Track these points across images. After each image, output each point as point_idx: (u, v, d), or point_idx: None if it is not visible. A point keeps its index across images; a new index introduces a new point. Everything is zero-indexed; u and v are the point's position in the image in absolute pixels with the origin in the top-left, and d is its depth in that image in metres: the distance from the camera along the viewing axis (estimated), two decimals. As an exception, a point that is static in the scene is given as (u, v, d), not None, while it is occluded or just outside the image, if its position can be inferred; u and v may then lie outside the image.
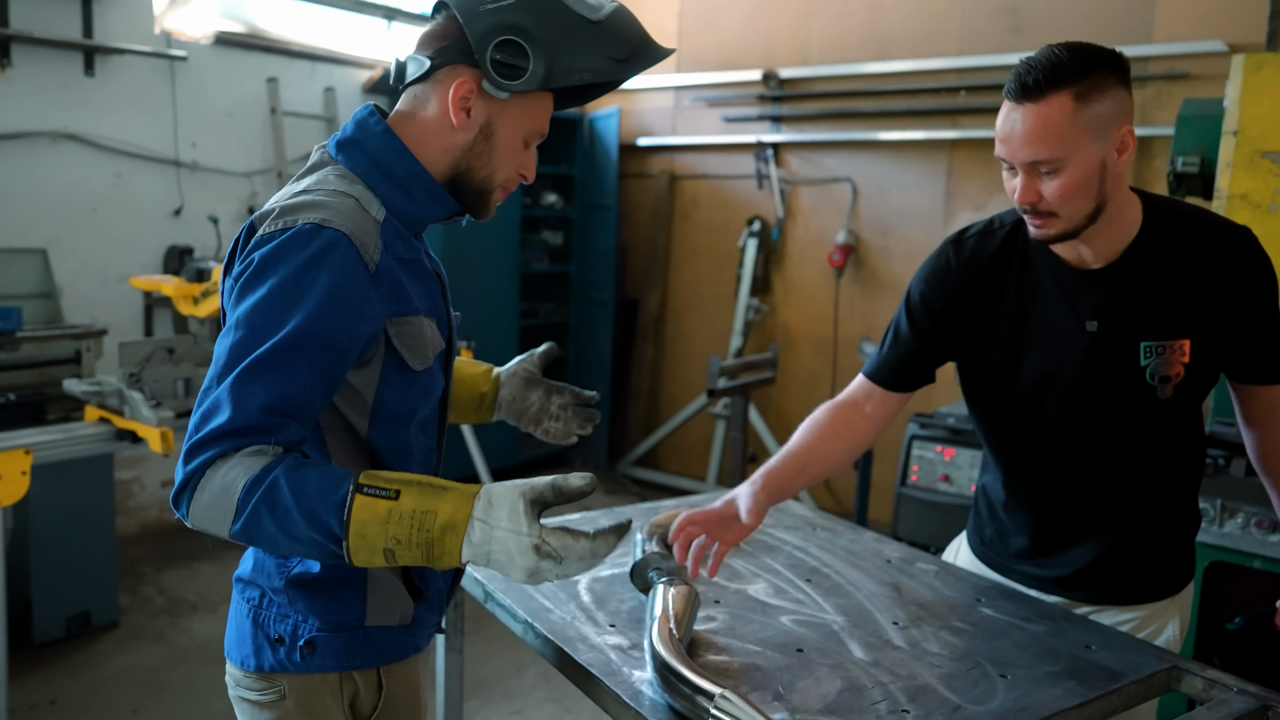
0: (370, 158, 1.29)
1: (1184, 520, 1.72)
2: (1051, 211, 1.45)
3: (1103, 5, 4.25)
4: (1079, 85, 1.40)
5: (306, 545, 1.10)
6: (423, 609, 1.38)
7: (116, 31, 4.13)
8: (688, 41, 5.75)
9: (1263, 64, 2.40)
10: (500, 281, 5.36)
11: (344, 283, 1.16)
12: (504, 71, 1.24)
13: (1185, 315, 1.52)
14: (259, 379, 1.11)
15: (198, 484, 1.09)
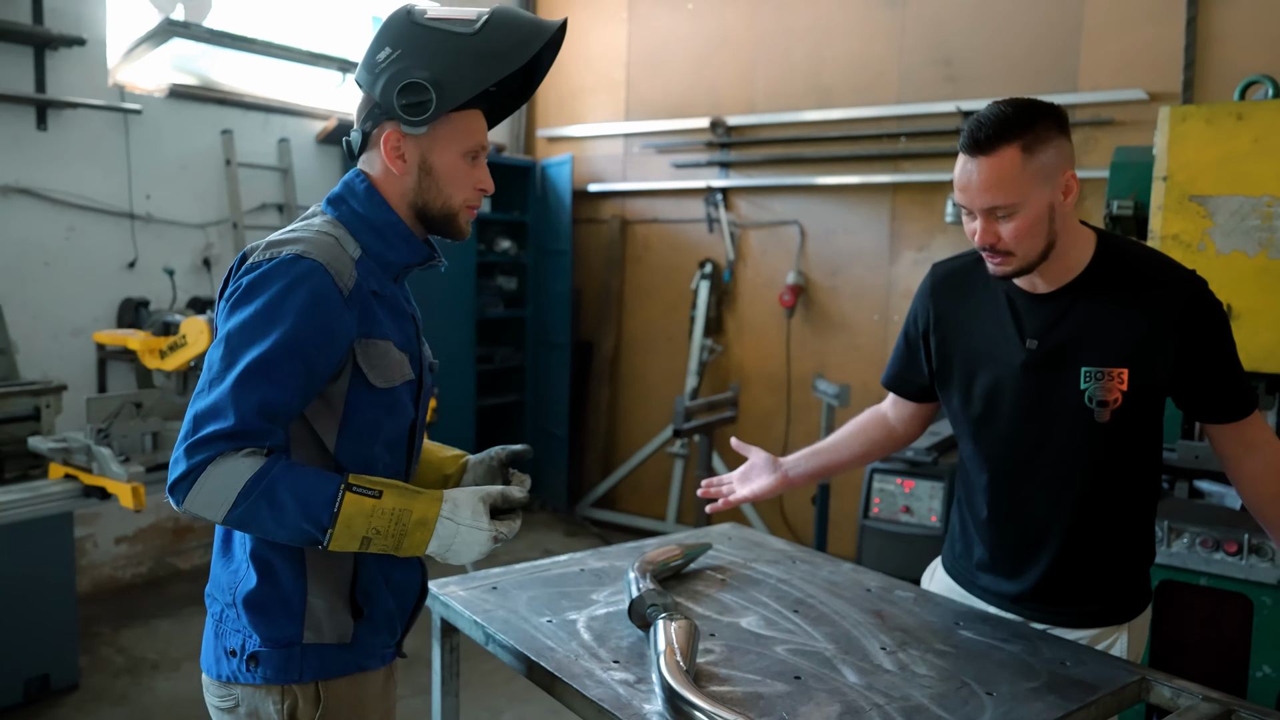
0: (354, 210, 1.50)
1: (1133, 547, 1.81)
2: (1009, 250, 1.62)
3: (1030, 56, 4.51)
4: (1025, 138, 1.56)
5: (292, 532, 1.31)
6: (365, 630, 1.49)
7: (69, 85, 4.12)
8: (636, 90, 5.90)
9: (1186, 115, 2.60)
10: (457, 327, 5.40)
11: (318, 303, 1.35)
12: (411, 110, 1.43)
13: (1126, 346, 1.65)
14: (251, 386, 1.30)
15: (198, 477, 1.28)
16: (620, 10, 5.93)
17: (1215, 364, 1.67)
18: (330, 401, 1.42)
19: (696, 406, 3.77)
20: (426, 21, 1.46)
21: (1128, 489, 1.77)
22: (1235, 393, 1.69)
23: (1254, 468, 1.71)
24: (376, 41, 1.48)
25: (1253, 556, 2.59)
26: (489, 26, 1.45)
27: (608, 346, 5.99)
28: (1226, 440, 1.73)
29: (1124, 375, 1.64)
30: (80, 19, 4.13)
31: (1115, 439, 1.69)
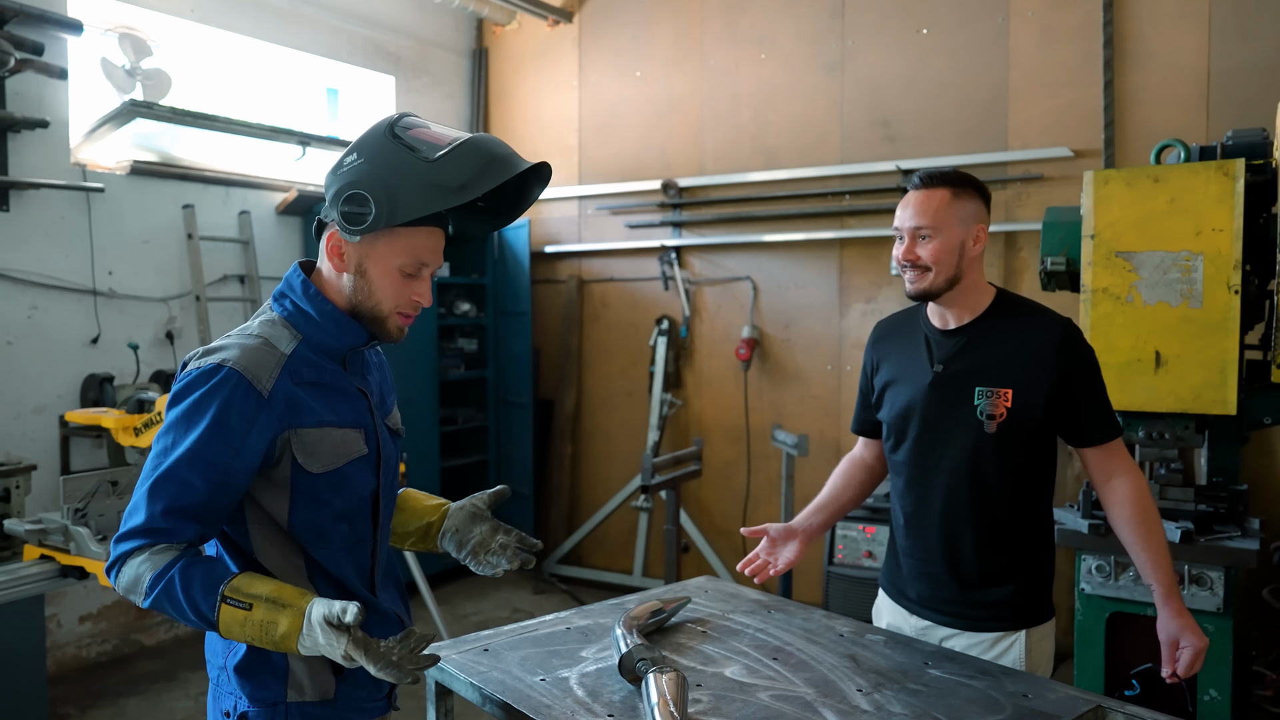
0: (294, 304, 1.60)
1: (1027, 557, 2.09)
2: (926, 266, 2.01)
3: (963, 117, 4.78)
4: (955, 188, 2.03)
5: (193, 623, 1.45)
6: (347, 686, 1.60)
7: (31, 166, 4.16)
8: (588, 154, 6.09)
9: (1108, 179, 2.82)
10: (419, 390, 5.46)
11: (230, 410, 1.47)
12: (350, 220, 1.51)
13: (1011, 372, 2.01)
14: (161, 490, 1.45)
15: (120, 568, 1.45)
16: (570, 78, 6.14)
17: (1083, 392, 2.02)
18: (276, 483, 1.55)
19: (662, 462, 3.89)
20: (401, 135, 1.52)
21: (1017, 498, 2.06)
22: (1100, 420, 2.04)
23: (1120, 491, 2.03)
24: (354, 143, 1.56)
25: (1194, 586, 2.76)
26: (451, 156, 1.50)
27: (569, 404, 6.09)
28: (1095, 465, 2.07)
29: (1009, 394, 1.99)
30: (43, 101, 4.20)
31: (1001, 448, 2.01)
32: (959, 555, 2.09)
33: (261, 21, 5.17)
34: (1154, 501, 2.06)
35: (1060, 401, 2.01)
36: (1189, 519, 2.84)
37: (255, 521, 1.56)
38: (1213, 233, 2.68)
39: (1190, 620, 1.98)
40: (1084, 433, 2.04)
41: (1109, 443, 2.04)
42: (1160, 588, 1.99)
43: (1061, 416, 2.03)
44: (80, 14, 4.36)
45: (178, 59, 4.97)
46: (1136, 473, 2.05)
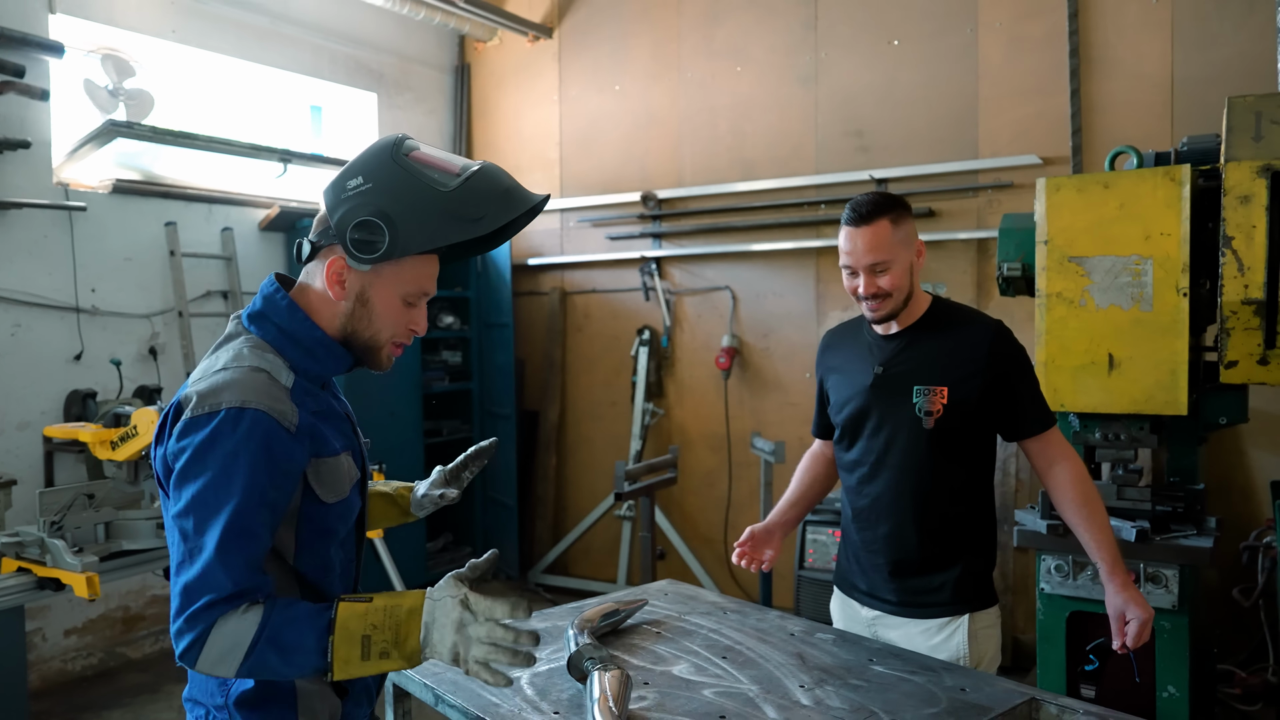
0: (278, 327, 1.51)
1: (967, 545, 2.18)
2: (887, 294, 2.12)
3: (934, 127, 4.84)
4: (891, 214, 2.12)
5: (300, 666, 1.36)
6: (349, 705, 1.59)
7: (14, 186, 4.22)
8: (570, 167, 6.16)
9: (1060, 185, 2.88)
10: (404, 403, 5.51)
11: (271, 452, 1.39)
12: (362, 248, 1.44)
13: (946, 371, 2.13)
14: (234, 548, 1.34)
15: (205, 642, 1.33)
16: (551, 93, 6.22)
17: (1017, 387, 2.14)
18: (285, 522, 1.46)
19: (637, 469, 3.93)
20: (408, 162, 1.46)
21: (957, 489, 2.18)
22: (1035, 412, 2.16)
23: (1061, 476, 2.14)
24: (355, 166, 1.48)
25: (1149, 584, 2.81)
26: (467, 187, 1.45)
27: (553, 415, 6.14)
28: (1035, 455, 2.18)
29: (944, 392, 2.12)
30: (24, 122, 4.26)
31: (939, 442, 2.13)
32: (904, 545, 2.19)
33: (243, 41, 5.24)
34: (1093, 484, 2.15)
35: (996, 397, 2.13)
36: (1146, 518, 2.89)
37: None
38: (1161, 237, 2.73)
39: (1136, 593, 2.06)
40: (1021, 425, 2.17)
41: (1045, 432, 2.16)
42: (1104, 564, 2.08)
43: (997, 411, 2.15)
44: (62, 36, 4.43)
45: (161, 79, 5.04)
46: (1075, 458, 2.16)
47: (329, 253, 1.50)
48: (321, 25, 5.66)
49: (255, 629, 1.33)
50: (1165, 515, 2.93)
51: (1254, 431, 4.05)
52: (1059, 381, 2.90)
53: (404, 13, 5.65)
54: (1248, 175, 2.53)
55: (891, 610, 2.22)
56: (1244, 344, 2.59)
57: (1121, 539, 2.82)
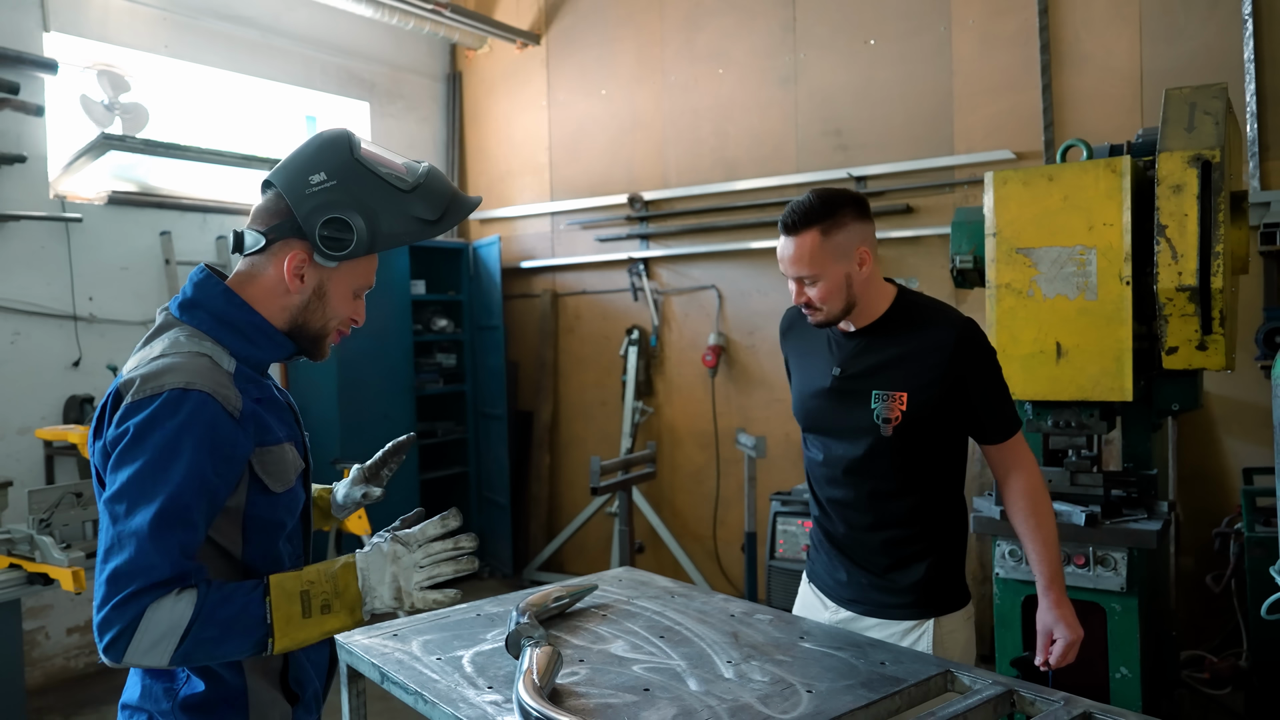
0: (213, 314, 1.50)
1: (931, 549, 2.11)
2: (818, 307, 2.04)
3: (910, 124, 4.91)
4: (824, 224, 1.98)
5: (241, 641, 1.38)
6: (300, 712, 1.61)
7: (12, 200, 4.37)
8: (559, 171, 6.27)
9: (1007, 179, 2.95)
10: (396, 404, 5.63)
11: (214, 436, 1.38)
12: (331, 244, 1.48)
13: (906, 375, 2.02)
14: (169, 530, 1.32)
15: (134, 631, 1.29)
16: (540, 98, 6.32)
17: (980, 392, 2.04)
18: (230, 514, 1.45)
19: (613, 465, 4.03)
20: (365, 160, 1.50)
21: (921, 494, 2.10)
22: (998, 418, 2.06)
23: (1015, 485, 2.08)
24: (310, 161, 1.50)
25: (1099, 567, 2.87)
26: (424, 188, 1.52)
27: (545, 415, 6.24)
28: (994, 461, 2.11)
29: (903, 398, 2.01)
30: (21, 138, 4.41)
31: (899, 449, 2.04)
32: (866, 549, 2.14)
33: (235, 54, 5.38)
34: (1047, 496, 2.10)
35: (957, 402, 2.03)
36: (1098, 503, 2.95)
37: (207, 557, 1.44)
38: (1104, 227, 2.79)
39: (1067, 612, 2.03)
40: (983, 431, 2.09)
41: (1007, 440, 2.08)
42: (1042, 578, 2.05)
43: (959, 416, 2.05)
44: (57, 53, 4.58)
45: (156, 94, 5.18)
46: (1032, 468, 2.10)
47: (285, 246, 1.50)
48: (313, 37, 5.80)
49: (191, 611, 1.31)
50: (1119, 501, 2.98)
51: (1226, 419, 4.10)
52: (1010, 370, 2.93)
53: (394, 23, 5.78)
54: (1179, 165, 2.59)
55: (862, 611, 2.17)
56: (1182, 330, 2.65)
57: (1071, 523, 2.89)
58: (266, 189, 1.56)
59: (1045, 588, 2.04)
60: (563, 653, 1.99)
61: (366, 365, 5.43)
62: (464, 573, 1.47)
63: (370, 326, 5.43)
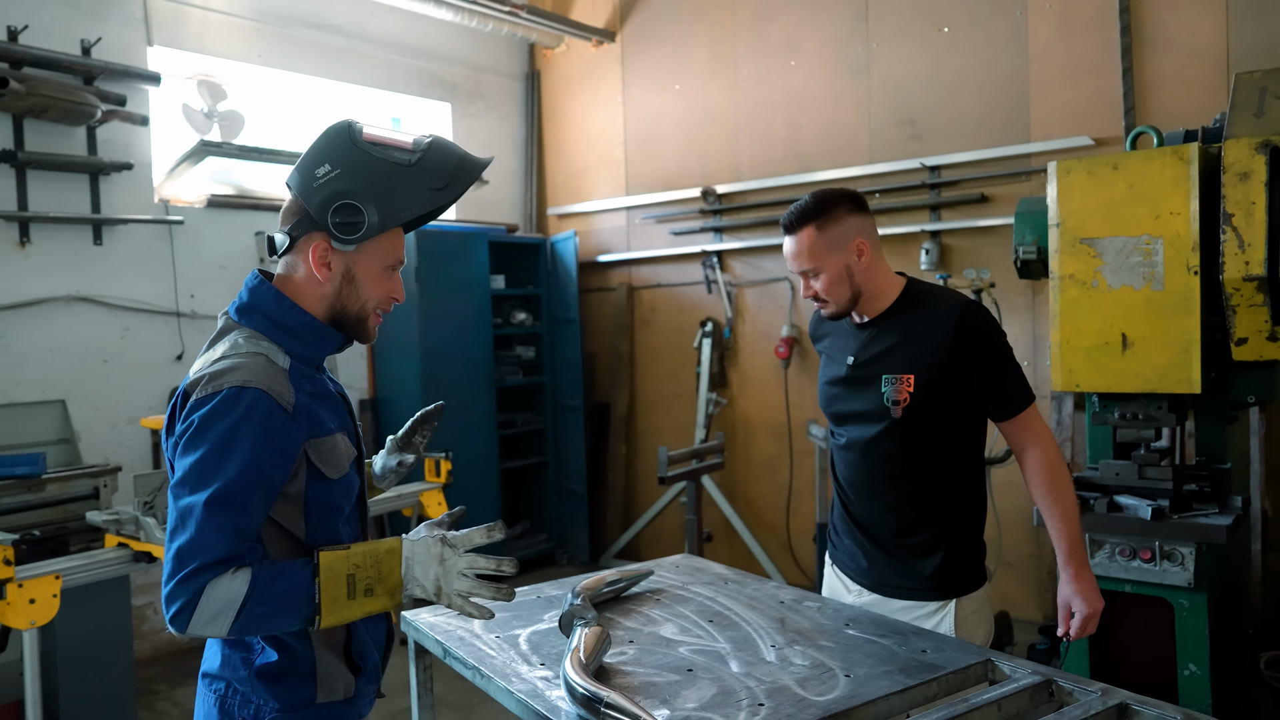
0: (267, 317, 1.60)
1: (948, 530, 2.19)
2: (825, 299, 2.18)
3: (985, 112, 4.84)
4: (819, 220, 2.13)
5: (291, 616, 1.47)
6: (362, 682, 1.72)
7: (120, 205, 4.69)
8: (634, 166, 6.36)
9: (1070, 169, 2.91)
10: (477, 396, 5.81)
11: (268, 429, 1.48)
12: (344, 229, 1.55)
13: (913, 359, 2.12)
14: (225, 515, 1.43)
15: (196, 605, 1.41)
16: (615, 95, 6.42)
17: (983, 370, 2.11)
18: (292, 499, 1.56)
19: (680, 455, 4.10)
20: (367, 144, 1.56)
21: (937, 475, 2.18)
22: (1005, 395, 2.13)
23: (1031, 461, 2.15)
24: (316, 155, 1.57)
25: (1165, 562, 2.83)
26: (426, 159, 1.58)
27: (621, 406, 6.35)
28: (1011, 437, 2.17)
29: (910, 380, 2.11)
30: (128, 146, 4.72)
31: (910, 431, 2.14)
32: (884, 531, 2.22)
33: (323, 61, 5.63)
34: (1065, 470, 2.16)
35: (960, 382, 2.10)
36: (1167, 497, 2.89)
37: (271, 540, 1.55)
38: (1170, 216, 2.74)
39: (1086, 585, 2.08)
40: (992, 409, 2.15)
41: (1019, 415, 2.13)
42: (1062, 552, 2.11)
43: (966, 396, 2.12)
44: (160, 66, 4.88)
45: (251, 100, 5.46)
46: (1048, 443, 2.15)
47: (309, 240, 1.59)
48: (396, 42, 6.02)
49: (246, 587, 1.42)
50: (1191, 495, 2.93)
51: (1318, 412, 3.95)
52: (1074, 362, 2.93)
53: (474, 26, 5.95)
54: (1246, 152, 2.52)
55: (885, 594, 2.23)
56: (1251, 321, 2.59)
57: (1137, 517, 2.85)
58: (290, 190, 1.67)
59: (1065, 561, 2.10)
60: (614, 633, 2.09)
61: (448, 358, 5.63)
62: (500, 600, 1.59)
63: (451, 321, 5.62)
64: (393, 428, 5.96)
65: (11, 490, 3.63)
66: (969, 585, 2.20)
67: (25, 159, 4.29)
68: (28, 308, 4.39)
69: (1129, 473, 2.99)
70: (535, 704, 1.75)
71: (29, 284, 4.40)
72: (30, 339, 4.40)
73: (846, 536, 2.35)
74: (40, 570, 3.03)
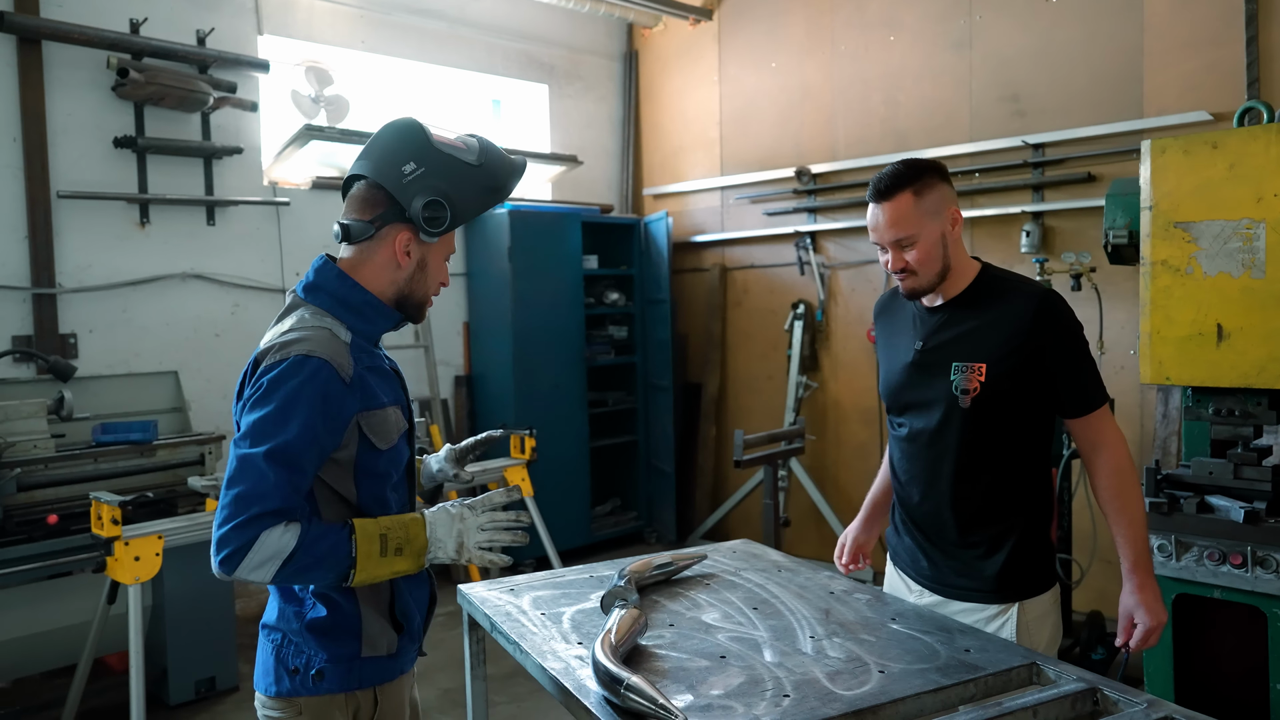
0: (331, 295, 1.75)
1: (1013, 530, 2.08)
2: (914, 270, 2.04)
3: (1095, 87, 4.59)
4: (915, 185, 2.02)
5: (329, 571, 1.61)
6: (405, 640, 1.83)
7: (232, 187, 4.94)
8: (729, 146, 6.30)
9: (1165, 148, 2.74)
10: (567, 375, 5.90)
11: (326, 396, 1.62)
12: (432, 223, 1.73)
13: (986, 347, 2.02)
14: (282, 470, 1.57)
15: (249, 550, 1.53)
16: (711, 73, 6.37)
17: (1059, 363, 2.00)
18: (342, 465, 1.70)
19: (758, 439, 4.07)
20: (440, 145, 1.73)
21: (1001, 471, 2.08)
22: (1078, 391, 2.02)
23: (1100, 464, 2.03)
24: (395, 152, 1.72)
25: (1258, 569, 2.66)
26: (487, 162, 1.77)
27: (713, 388, 6.34)
28: (1079, 436, 2.06)
29: (982, 369, 2.01)
30: (239, 132, 4.97)
31: (978, 422, 2.04)
32: (944, 528, 2.14)
33: (424, 46, 5.78)
34: (1134, 476, 2.04)
35: (1035, 374, 2.00)
36: (1265, 499, 2.72)
37: (326, 502, 1.70)
38: (1275, 199, 2.55)
39: (1150, 597, 1.98)
40: (1062, 405, 2.05)
41: (1090, 414, 2.03)
42: (1126, 561, 2.00)
43: (1039, 389, 2.02)
44: (269, 53, 5.11)
45: (355, 86, 5.66)
46: (1118, 446, 2.04)
47: (393, 230, 1.75)
48: (496, 25, 6.12)
49: (295, 542, 1.55)
50: (1294, 497, 2.74)
51: None
52: (1164, 354, 2.77)
53: (572, 7, 5.99)
54: (1357, 129, 2.32)
55: (942, 594, 2.16)
56: (1360, 313, 2.39)
57: (1229, 519, 2.69)
58: (354, 182, 1.79)
59: (1129, 570, 2.00)
60: (657, 616, 2.11)
61: (540, 337, 5.73)
62: (518, 543, 1.70)
63: (542, 299, 5.73)
64: (486, 404, 6.10)
65: (126, 455, 3.90)
66: (1034, 588, 2.09)
67: (145, 144, 4.57)
68: (147, 284, 4.69)
69: (1223, 472, 2.82)
70: (565, 681, 1.78)
71: (148, 262, 4.69)
72: (149, 313, 4.70)
73: (906, 535, 2.27)
74: (144, 530, 3.24)
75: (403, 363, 5.41)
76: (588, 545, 5.91)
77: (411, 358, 5.68)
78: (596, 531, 6.12)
